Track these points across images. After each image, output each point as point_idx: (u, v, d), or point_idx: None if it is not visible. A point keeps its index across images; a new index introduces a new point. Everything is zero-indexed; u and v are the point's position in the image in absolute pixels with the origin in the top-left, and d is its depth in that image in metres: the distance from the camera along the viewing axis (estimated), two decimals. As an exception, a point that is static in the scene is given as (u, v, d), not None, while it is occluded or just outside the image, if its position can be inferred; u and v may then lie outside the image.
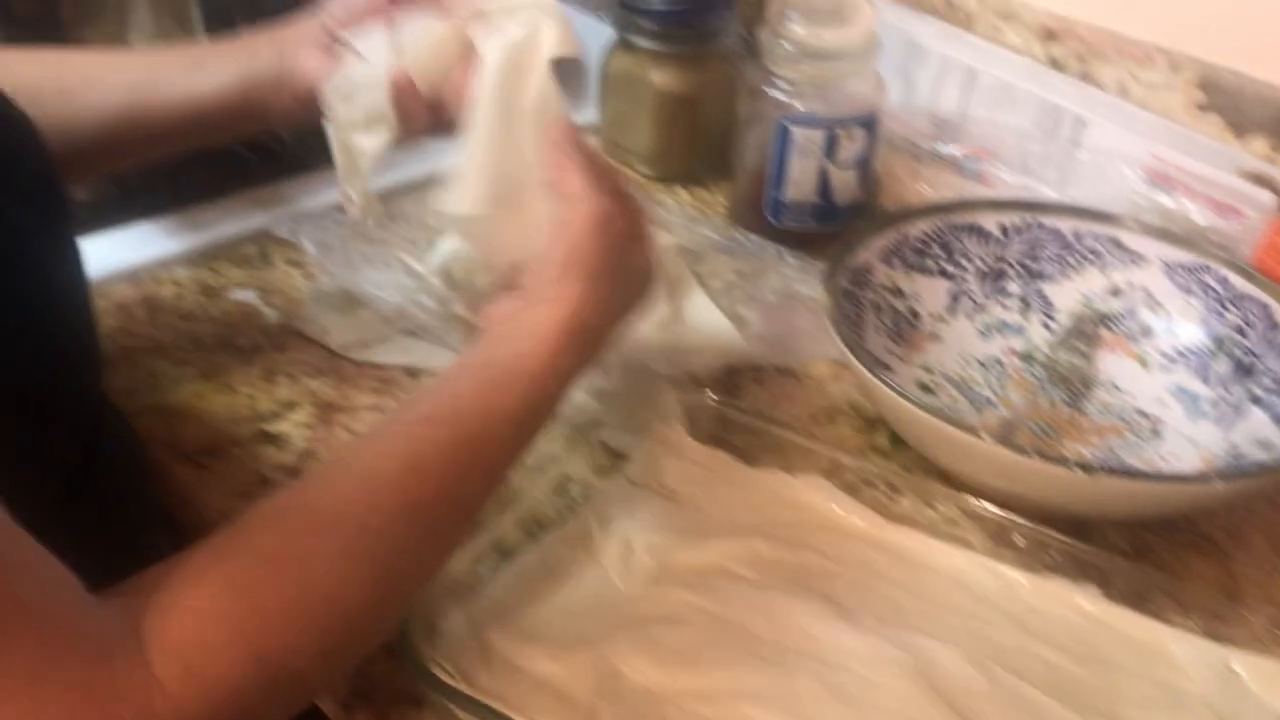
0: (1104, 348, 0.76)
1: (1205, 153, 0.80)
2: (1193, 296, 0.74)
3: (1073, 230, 0.77)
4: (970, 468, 0.62)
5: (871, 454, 0.69)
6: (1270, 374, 0.69)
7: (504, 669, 0.52)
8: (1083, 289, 0.77)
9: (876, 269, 0.75)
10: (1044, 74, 0.88)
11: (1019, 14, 0.91)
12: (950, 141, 0.87)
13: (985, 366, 0.76)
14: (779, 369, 0.76)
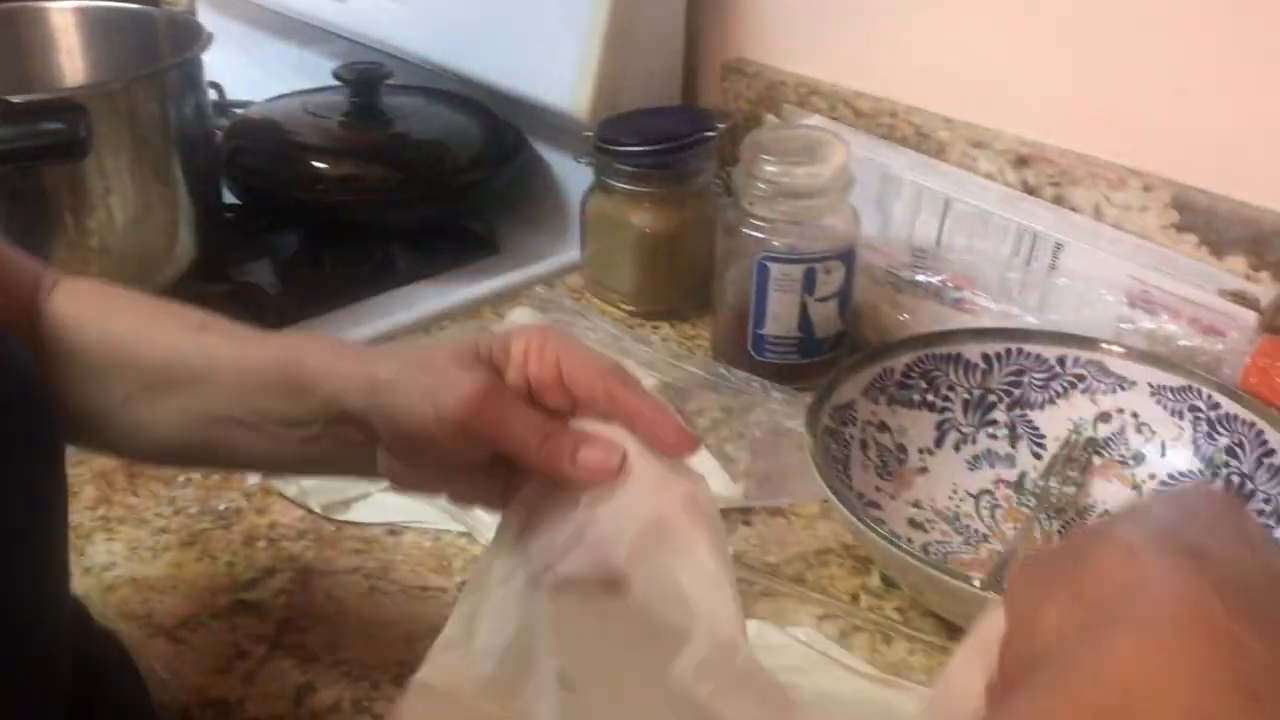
0: (1096, 474, 0.75)
1: (1185, 273, 0.80)
2: (1182, 420, 0.73)
3: (1057, 356, 0.77)
4: (963, 610, 0.61)
5: (864, 597, 0.68)
6: (1265, 496, 0.67)
7: None
8: (1070, 415, 0.76)
9: (860, 405, 0.74)
10: (1018, 200, 0.89)
11: (990, 142, 0.92)
12: (929, 270, 0.87)
13: (976, 498, 0.75)
14: (768, 509, 0.75)
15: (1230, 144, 0.81)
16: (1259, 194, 0.81)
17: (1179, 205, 0.83)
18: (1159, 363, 0.74)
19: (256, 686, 0.61)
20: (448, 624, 0.50)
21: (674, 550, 0.47)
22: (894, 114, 0.97)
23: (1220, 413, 0.72)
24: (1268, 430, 0.69)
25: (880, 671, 0.61)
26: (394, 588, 0.67)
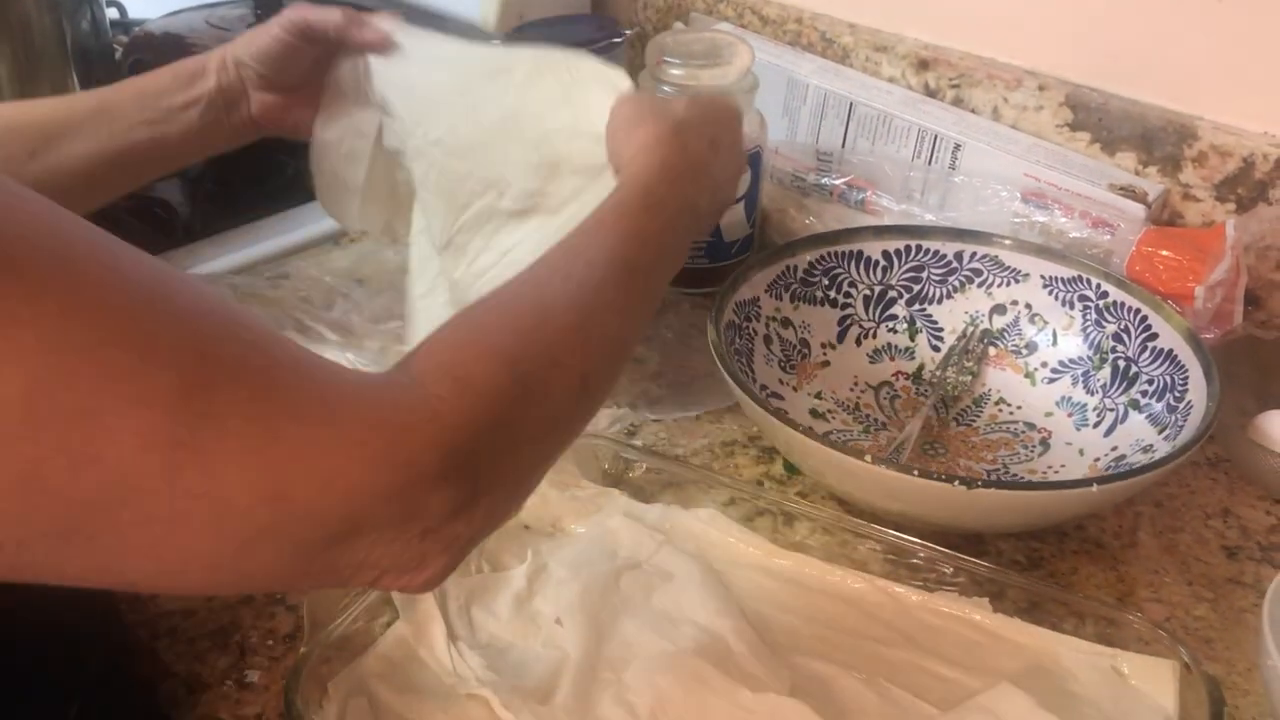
0: (991, 364, 0.77)
1: (1078, 169, 0.83)
2: (1073, 309, 0.76)
3: (954, 252, 0.79)
4: (859, 490, 0.63)
5: (768, 483, 0.70)
6: (1148, 378, 0.71)
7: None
8: (967, 308, 0.79)
9: (764, 301, 0.76)
10: (920, 102, 0.90)
11: (893, 46, 0.93)
12: (833, 174, 0.88)
13: (876, 389, 0.77)
14: (678, 403, 0.76)
15: (1122, 43, 0.83)
16: (1149, 92, 0.83)
17: (1072, 104, 0.85)
18: (1051, 255, 0.77)
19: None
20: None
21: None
22: (799, 20, 0.98)
23: (1108, 301, 0.74)
24: (1151, 315, 0.72)
25: (782, 548, 0.63)
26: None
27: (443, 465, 0.39)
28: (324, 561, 0.38)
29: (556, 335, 0.46)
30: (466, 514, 0.41)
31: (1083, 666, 0.55)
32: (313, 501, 0.37)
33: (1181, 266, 0.75)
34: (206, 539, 0.36)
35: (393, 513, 0.38)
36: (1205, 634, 0.61)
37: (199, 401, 0.34)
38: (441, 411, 0.40)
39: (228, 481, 0.35)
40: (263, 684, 0.56)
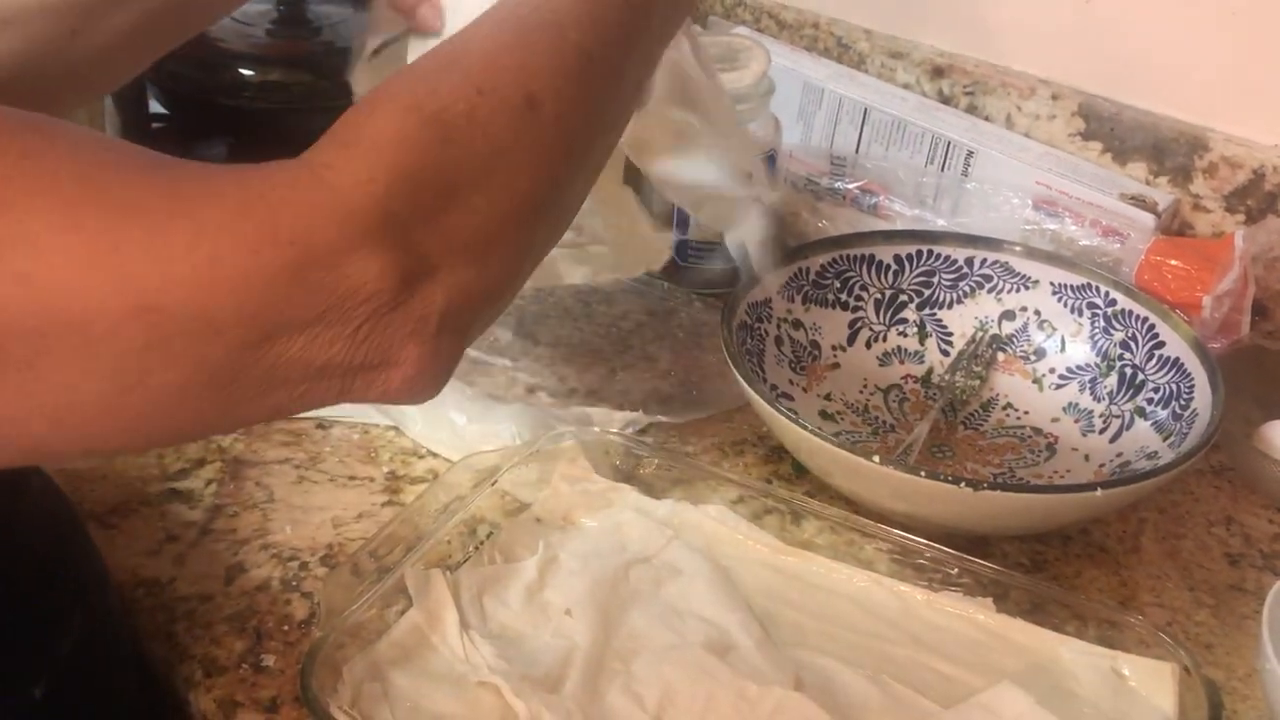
0: (999, 369, 0.78)
1: (1089, 178, 0.83)
2: (1081, 316, 0.77)
3: (965, 257, 0.80)
4: (867, 490, 0.64)
5: (776, 482, 0.71)
6: (1154, 386, 0.71)
7: (407, 710, 0.52)
8: (977, 313, 0.80)
9: (776, 303, 0.77)
10: (934, 109, 0.91)
11: (909, 53, 0.94)
12: (847, 178, 0.89)
13: (885, 392, 0.78)
14: (688, 402, 0.77)
15: (1135, 54, 0.84)
16: (1161, 103, 0.84)
17: (1085, 114, 0.86)
18: (1061, 262, 0.78)
19: (187, 567, 0.63)
20: None
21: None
22: (816, 25, 0.99)
23: (1117, 309, 0.75)
24: (1159, 324, 0.73)
25: (789, 546, 0.64)
26: (323, 477, 0.69)
27: (343, 233, 0.34)
28: (250, 377, 0.34)
29: (478, 61, 0.39)
30: (422, 287, 0.36)
31: (1083, 667, 0.56)
32: (190, 304, 0.32)
33: (1190, 276, 0.76)
34: (80, 376, 0.32)
35: (305, 300, 0.33)
36: (1206, 639, 0.62)
37: (3, 220, 0.30)
38: (327, 177, 0.35)
39: (71, 306, 0.31)
40: (278, 668, 0.57)
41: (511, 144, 0.39)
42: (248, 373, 0.34)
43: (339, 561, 0.63)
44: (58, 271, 0.31)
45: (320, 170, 0.35)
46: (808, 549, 0.64)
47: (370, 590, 0.56)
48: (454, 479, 0.64)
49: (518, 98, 0.39)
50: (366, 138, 0.36)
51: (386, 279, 0.35)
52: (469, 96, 0.38)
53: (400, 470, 0.70)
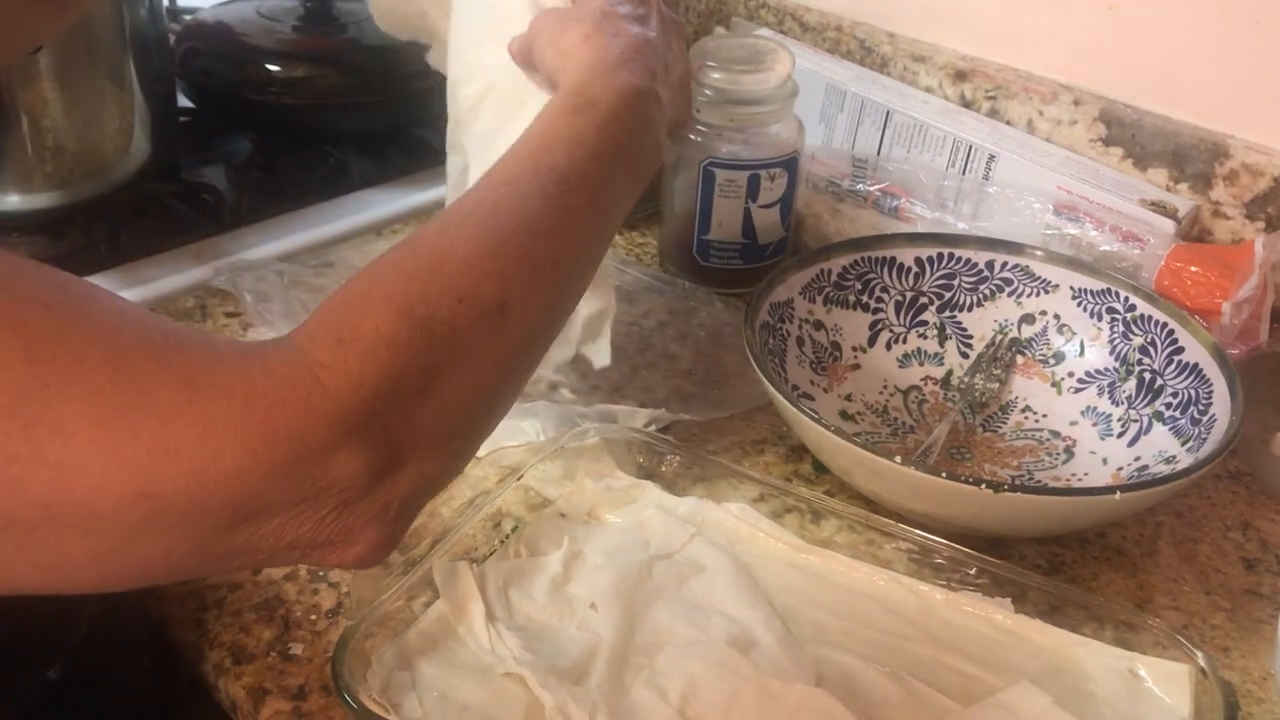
0: (1018, 372, 0.79)
1: (1110, 184, 0.84)
2: (1100, 321, 0.77)
3: (986, 260, 0.80)
4: (887, 490, 0.65)
5: (796, 481, 0.72)
6: (1173, 391, 0.72)
7: (434, 699, 0.53)
8: (997, 317, 0.80)
9: (798, 304, 0.77)
10: (955, 113, 0.92)
11: (931, 56, 0.95)
12: (868, 180, 0.90)
13: (905, 393, 0.79)
14: (709, 401, 0.78)
15: (1157, 60, 0.85)
16: (1182, 110, 0.85)
17: (1106, 120, 0.87)
18: (1081, 267, 0.78)
19: (216, 557, 0.64)
20: None
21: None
22: (839, 28, 0.99)
23: (1136, 314, 0.76)
24: (1178, 330, 0.73)
25: (810, 544, 0.64)
26: (348, 469, 0.70)
27: (334, 434, 0.36)
28: (226, 548, 0.36)
29: (460, 269, 0.42)
30: (390, 479, 0.38)
31: (1100, 668, 0.57)
32: (186, 494, 0.34)
33: (1209, 282, 0.76)
34: (79, 544, 0.34)
35: (288, 492, 0.36)
36: (1222, 642, 0.62)
37: (31, 407, 0.32)
38: (323, 378, 0.37)
39: (81, 487, 0.33)
40: (305, 656, 0.58)
41: (483, 349, 0.43)
42: (224, 545, 0.36)
43: (365, 553, 0.64)
44: (78, 458, 0.33)
45: (318, 370, 0.37)
46: (827, 547, 0.64)
47: (398, 582, 0.57)
48: (479, 474, 0.65)
49: (492, 306, 0.43)
50: (363, 339, 0.39)
51: (362, 472, 0.37)
52: (452, 304, 0.41)
53: (425, 464, 0.71)
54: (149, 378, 0.34)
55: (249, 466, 0.35)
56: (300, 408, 0.36)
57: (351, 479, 0.37)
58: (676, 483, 0.68)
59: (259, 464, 0.35)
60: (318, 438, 0.36)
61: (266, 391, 0.36)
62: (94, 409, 0.33)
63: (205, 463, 0.34)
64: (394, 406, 0.38)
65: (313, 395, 0.36)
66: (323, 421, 0.36)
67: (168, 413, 0.34)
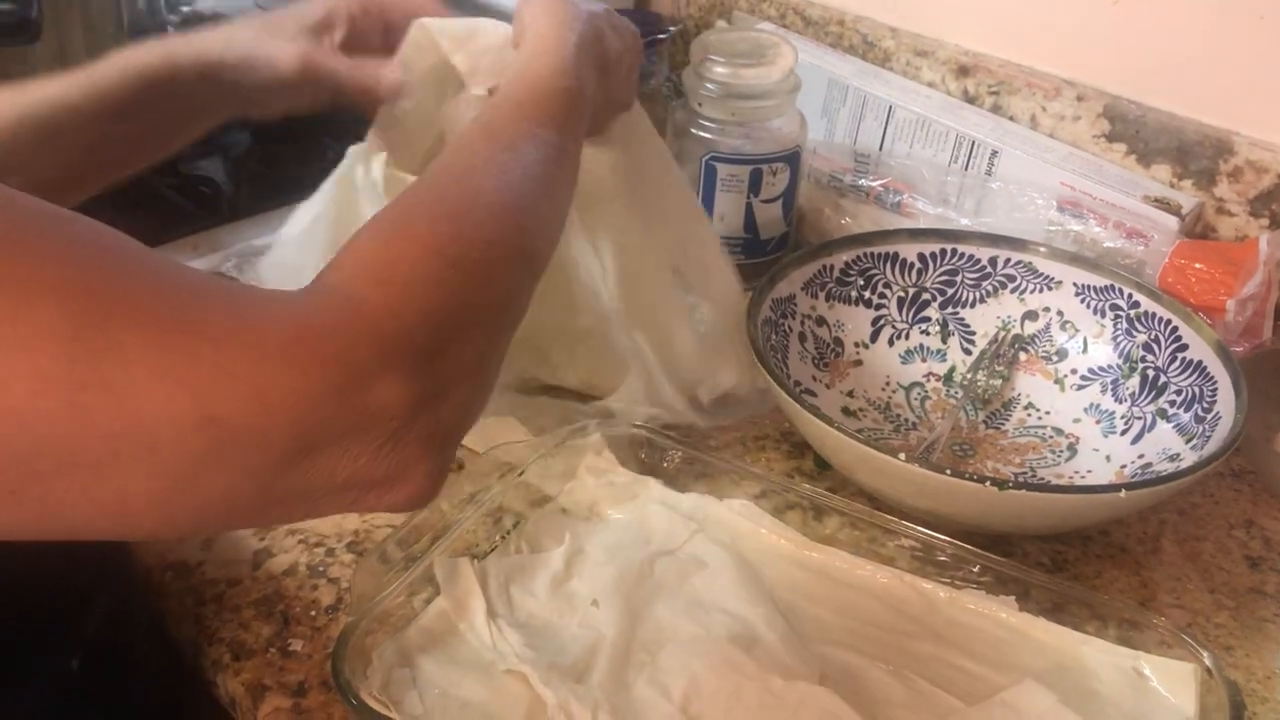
0: (1021, 369, 0.79)
1: (1113, 180, 0.84)
2: (1104, 317, 0.77)
3: (989, 257, 0.80)
4: (890, 487, 0.64)
5: (798, 478, 0.71)
6: (1177, 389, 0.72)
7: (435, 696, 0.53)
8: (1000, 313, 0.80)
9: (800, 299, 0.77)
10: (958, 108, 0.91)
11: (934, 51, 0.94)
12: (870, 175, 0.90)
13: (907, 390, 0.78)
14: (711, 400, 0.78)
15: (1161, 56, 0.84)
16: (1186, 106, 0.84)
17: (1110, 115, 0.86)
18: (1084, 264, 0.78)
19: (215, 551, 0.63)
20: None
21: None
22: (841, 22, 0.99)
23: (1140, 311, 0.75)
24: (1182, 327, 0.73)
25: (813, 541, 0.64)
26: (348, 464, 0.70)
27: (381, 358, 0.38)
28: (286, 486, 0.37)
29: (487, 215, 0.46)
30: (433, 407, 0.40)
31: (1105, 667, 0.57)
32: (248, 418, 0.35)
33: (1214, 279, 0.76)
34: (141, 477, 0.34)
35: (343, 418, 0.37)
36: (1226, 641, 0.62)
37: (94, 336, 0.33)
38: (365, 309, 0.39)
39: (147, 413, 0.33)
40: (305, 653, 0.58)
41: (512, 289, 0.46)
42: (284, 482, 0.37)
43: (365, 548, 0.64)
44: (140, 382, 0.33)
45: (359, 303, 0.39)
46: (830, 544, 0.64)
47: (399, 578, 0.57)
48: (480, 470, 0.65)
49: (518, 254, 0.46)
50: (400, 277, 0.41)
51: (408, 400, 0.39)
52: (483, 247, 0.44)
53: (425, 459, 0.70)
54: (200, 308, 0.35)
55: (303, 389, 0.36)
56: (346, 335, 0.37)
57: (398, 405, 0.38)
58: (678, 479, 0.68)
59: (312, 387, 0.36)
60: (365, 363, 0.37)
61: (312, 321, 0.37)
62: (153, 337, 0.34)
63: (263, 385, 0.35)
64: (434, 339, 0.40)
65: (358, 325, 0.38)
66: (368, 349, 0.38)
67: (222, 338, 0.35)
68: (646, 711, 0.52)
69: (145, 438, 0.34)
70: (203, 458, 0.35)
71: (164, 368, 0.34)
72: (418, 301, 0.40)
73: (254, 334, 0.36)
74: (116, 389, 0.33)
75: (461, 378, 0.41)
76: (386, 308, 0.39)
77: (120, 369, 0.33)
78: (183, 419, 0.34)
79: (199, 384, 0.34)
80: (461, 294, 0.42)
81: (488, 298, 0.44)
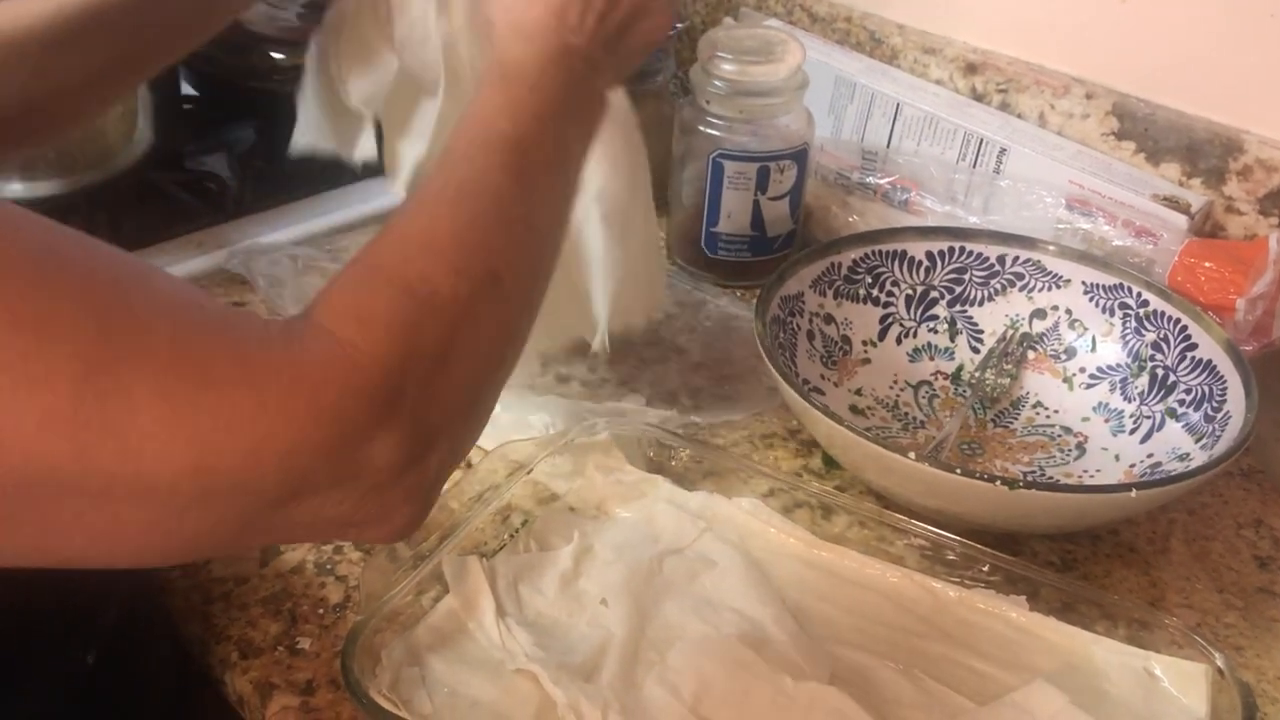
0: (1030, 367, 0.78)
1: (1122, 178, 0.83)
2: (1113, 316, 0.77)
3: (997, 255, 0.80)
4: (899, 486, 0.64)
5: (806, 476, 0.71)
6: (1186, 388, 0.71)
7: (444, 695, 0.52)
8: (1008, 311, 0.80)
9: (808, 297, 0.77)
10: (966, 106, 0.91)
11: (942, 49, 0.94)
12: (878, 173, 0.89)
13: (915, 388, 0.78)
14: (718, 395, 0.78)
15: (1170, 54, 0.84)
16: (1196, 104, 0.84)
17: (1119, 113, 0.86)
18: (1093, 262, 0.78)
19: (222, 549, 0.63)
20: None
21: None
22: (849, 19, 0.99)
23: (1149, 309, 0.75)
24: (1191, 326, 0.73)
25: (821, 540, 0.64)
26: (355, 462, 0.69)
27: (372, 412, 0.38)
28: (269, 524, 0.38)
29: (449, 243, 0.44)
30: (422, 459, 0.40)
31: (1116, 667, 0.57)
32: (242, 470, 0.36)
33: (1223, 278, 0.75)
34: (135, 514, 0.35)
35: (333, 471, 0.37)
36: (1236, 641, 0.62)
37: (103, 379, 0.33)
38: (355, 357, 0.38)
39: (145, 458, 0.34)
40: (313, 651, 0.58)
41: (485, 316, 0.44)
42: (268, 522, 0.38)
43: (373, 546, 0.63)
44: (144, 431, 0.34)
45: (348, 349, 0.39)
46: (838, 543, 0.64)
47: (407, 576, 0.57)
48: (488, 467, 0.64)
49: (485, 276, 0.44)
50: (379, 318, 0.40)
51: (400, 455, 0.39)
52: (450, 278, 0.43)
53: (432, 457, 0.70)
54: (207, 354, 0.36)
55: (299, 444, 0.36)
56: (341, 388, 0.37)
57: (390, 461, 0.39)
58: (686, 477, 0.68)
59: (308, 442, 0.36)
60: (360, 419, 0.38)
61: (310, 371, 0.37)
62: (159, 384, 0.34)
63: (260, 439, 0.35)
64: (419, 383, 0.40)
65: (350, 376, 0.38)
66: (363, 403, 0.38)
67: (225, 389, 0.35)
68: (657, 711, 0.52)
69: (142, 479, 0.34)
70: (194, 500, 0.36)
71: (167, 416, 0.34)
72: (399, 346, 0.40)
73: (256, 385, 0.36)
74: (119, 433, 0.34)
75: (450, 420, 0.42)
76: (372, 354, 0.39)
77: (125, 414, 0.34)
78: (180, 466, 0.35)
79: (198, 435, 0.35)
80: (436, 331, 0.41)
81: (464, 330, 0.43)
